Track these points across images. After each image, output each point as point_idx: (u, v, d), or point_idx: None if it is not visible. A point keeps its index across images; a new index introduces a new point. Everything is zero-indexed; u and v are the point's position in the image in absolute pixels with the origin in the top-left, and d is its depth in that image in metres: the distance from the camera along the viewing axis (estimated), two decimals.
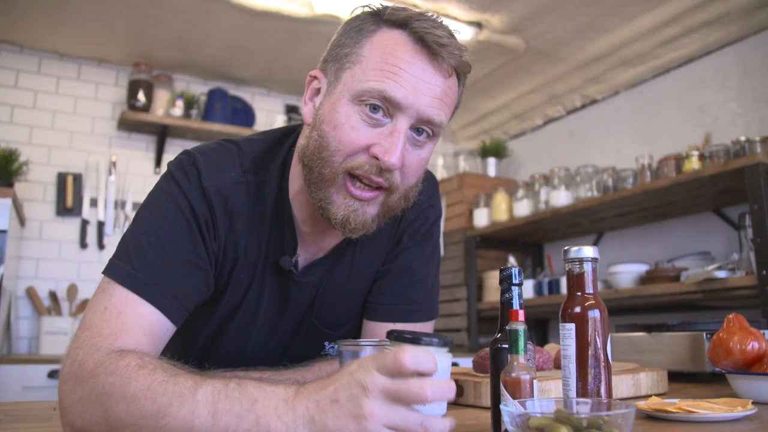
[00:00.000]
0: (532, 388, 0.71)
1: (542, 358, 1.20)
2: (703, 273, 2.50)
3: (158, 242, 0.89)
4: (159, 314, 0.86)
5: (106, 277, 0.87)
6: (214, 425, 0.67)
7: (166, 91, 3.65)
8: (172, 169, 0.96)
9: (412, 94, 0.88)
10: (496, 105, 4.02)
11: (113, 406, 0.72)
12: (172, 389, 0.70)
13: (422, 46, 0.89)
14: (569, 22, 3.02)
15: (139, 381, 0.72)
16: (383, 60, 0.89)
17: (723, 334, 1.19)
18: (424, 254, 1.14)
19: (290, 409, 0.66)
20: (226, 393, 0.69)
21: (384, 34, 0.91)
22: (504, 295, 0.77)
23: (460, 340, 3.70)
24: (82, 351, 0.79)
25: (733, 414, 0.86)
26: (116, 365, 0.75)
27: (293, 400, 0.66)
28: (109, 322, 0.82)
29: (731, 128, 3.00)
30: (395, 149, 0.88)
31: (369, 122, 0.90)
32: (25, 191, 3.27)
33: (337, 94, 0.92)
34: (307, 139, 0.95)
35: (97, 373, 0.75)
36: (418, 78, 0.89)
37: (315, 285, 1.06)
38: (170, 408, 0.69)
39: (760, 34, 2.97)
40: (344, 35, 0.95)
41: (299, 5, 2.93)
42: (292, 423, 0.65)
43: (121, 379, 0.73)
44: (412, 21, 0.90)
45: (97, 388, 0.74)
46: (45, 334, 3.12)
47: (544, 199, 3.43)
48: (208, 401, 0.68)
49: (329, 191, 0.92)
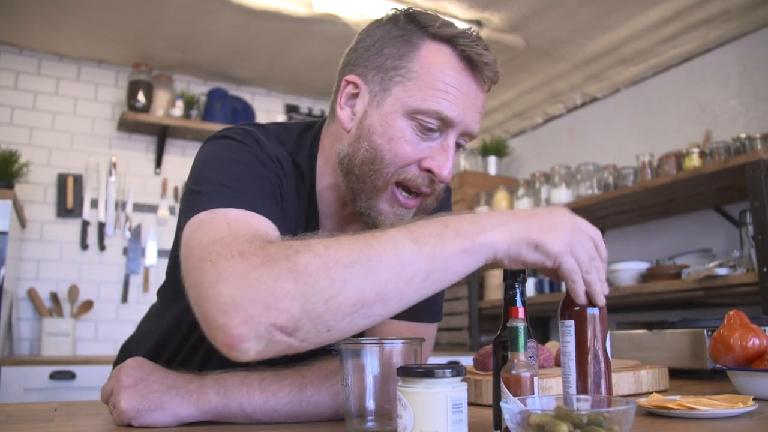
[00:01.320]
0: (532, 385, 0.71)
1: (543, 355, 1.20)
2: (704, 270, 2.50)
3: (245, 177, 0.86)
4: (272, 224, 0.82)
5: (206, 211, 0.78)
6: (420, 249, 0.70)
7: (166, 92, 3.65)
8: (228, 133, 0.95)
9: (463, 113, 0.94)
10: (497, 103, 4.02)
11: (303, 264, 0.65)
12: (365, 238, 0.70)
13: (468, 64, 0.95)
14: (569, 20, 3.02)
15: (321, 240, 0.69)
16: (436, 78, 0.92)
17: (724, 330, 1.19)
18: None
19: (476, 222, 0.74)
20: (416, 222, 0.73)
21: (431, 49, 0.94)
22: (507, 293, 0.77)
23: (461, 338, 3.70)
24: (233, 248, 0.69)
25: (734, 410, 0.86)
26: (280, 243, 0.70)
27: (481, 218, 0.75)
28: (240, 229, 0.74)
29: (732, 125, 3.00)
30: (447, 164, 0.94)
31: (422, 137, 0.94)
32: (25, 193, 3.27)
33: (388, 107, 0.94)
34: (353, 147, 0.97)
35: (269, 252, 0.67)
36: (465, 95, 0.94)
37: None
38: (371, 251, 0.68)
39: (761, 31, 2.96)
40: (388, 44, 0.96)
41: (299, 5, 2.93)
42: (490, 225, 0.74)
43: (295, 247, 0.67)
44: (458, 39, 0.94)
45: (277, 260, 0.66)
46: (46, 336, 3.12)
47: (544, 197, 3.43)
48: (403, 234, 0.71)
49: (378, 200, 0.96)
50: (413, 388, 0.67)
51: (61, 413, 1.05)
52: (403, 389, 0.67)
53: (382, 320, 0.73)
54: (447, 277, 0.74)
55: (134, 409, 0.83)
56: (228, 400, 0.86)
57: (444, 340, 3.83)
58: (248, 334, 0.65)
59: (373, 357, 0.77)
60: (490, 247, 0.74)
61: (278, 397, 0.87)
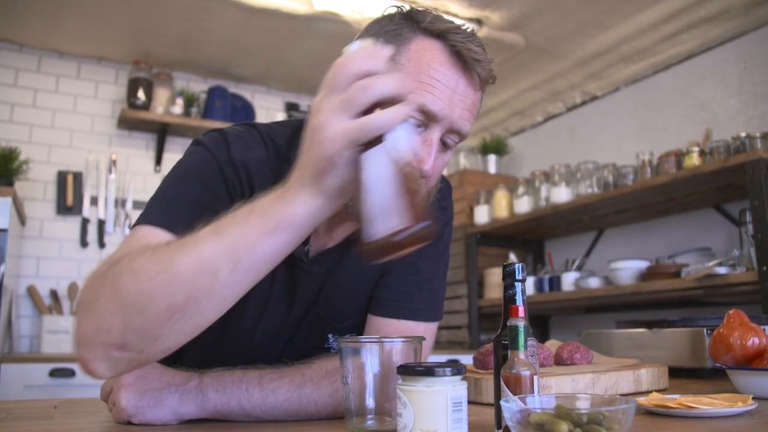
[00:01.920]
0: (532, 384, 0.71)
1: (543, 354, 1.20)
2: (703, 269, 2.50)
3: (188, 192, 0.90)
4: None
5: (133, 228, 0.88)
6: (221, 240, 0.68)
7: (166, 89, 3.65)
8: (203, 139, 0.98)
9: (447, 107, 0.90)
10: (497, 102, 4.02)
11: (120, 282, 0.70)
12: (175, 244, 0.71)
13: (458, 59, 0.92)
14: (569, 19, 3.02)
15: (145, 253, 0.72)
16: (421, 71, 0.90)
17: (723, 329, 1.19)
18: (433, 254, 1.14)
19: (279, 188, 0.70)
20: (223, 217, 0.71)
21: (421, 43, 0.92)
22: (507, 291, 0.77)
23: (461, 337, 3.70)
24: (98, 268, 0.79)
25: (733, 409, 0.86)
26: (123, 254, 0.75)
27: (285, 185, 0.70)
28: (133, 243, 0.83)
29: (731, 124, 3.00)
30: (429, 159, 0.91)
31: None
32: (25, 190, 3.27)
33: None
34: None
35: (106, 264, 0.75)
36: (452, 90, 0.91)
37: (323, 275, 1.06)
38: (174, 256, 0.69)
39: (760, 30, 2.96)
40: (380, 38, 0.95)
41: (299, 3, 2.93)
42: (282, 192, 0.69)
43: (127, 258, 0.73)
44: (450, 34, 0.91)
45: (106, 273, 0.73)
46: (46, 333, 3.12)
47: (544, 196, 3.43)
48: (209, 229, 0.70)
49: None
50: (413, 386, 0.67)
51: (61, 411, 1.05)
52: (403, 388, 0.67)
53: (216, 317, 0.73)
54: (260, 263, 0.71)
55: (134, 406, 0.83)
56: (227, 398, 0.86)
57: (444, 339, 3.83)
58: (90, 355, 0.72)
59: (373, 355, 0.77)
60: (298, 220, 0.69)
61: (277, 394, 0.87)
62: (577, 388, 1.07)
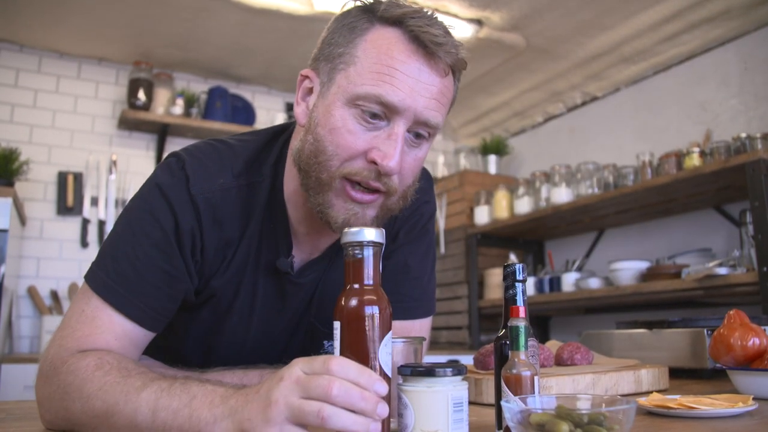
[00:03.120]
0: (533, 384, 0.71)
1: (544, 354, 1.20)
2: (704, 270, 2.50)
3: (133, 253, 0.90)
4: (132, 324, 0.89)
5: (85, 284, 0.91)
6: (153, 422, 0.71)
7: (167, 90, 3.65)
8: (160, 176, 0.94)
9: (409, 97, 0.85)
10: (497, 102, 4.02)
11: (71, 405, 0.79)
12: (120, 389, 0.75)
13: (417, 45, 0.86)
14: (570, 20, 3.02)
15: (94, 382, 0.77)
16: (378, 61, 0.86)
17: (724, 330, 1.19)
18: (420, 251, 1.14)
19: (223, 403, 0.68)
20: (169, 391, 0.72)
21: (378, 33, 0.88)
22: (507, 292, 0.77)
23: (461, 337, 3.70)
24: (53, 350, 0.85)
25: (734, 410, 0.86)
26: (77, 365, 0.80)
27: (231, 396, 0.68)
28: (82, 324, 0.87)
29: (732, 125, 3.00)
30: (394, 153, 0.86)
31: (366, 126, 0.87)
32: (25, 190, 3.27)
33: (331, 97, 0.89)
34: (302, 142, 0.93)
35: (61, 372, 0.81)
36: (414, 79, 0.86)
37: (312, 285, 1.05)
38: (117, 407, 0.74)
39: (761, 30, 2.96)
40: (336, 33, 0.92)
41: (299, 3, 2.93)
42: (220, 415, 0.67)
43: (78, 379, 0.79)
44: (406, 18, 0.87)
45: (60, 386, 0.80)
46: (46, 334, 3.11)
47: (544, 197, 3.43)
48: (150, 399, 0.72)
49: (328, 195, 0.90)
50: (414, 386, 0.67)
51: None
52: (404, 388, 0.68)
53: None
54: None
55: None
56: None
57: (444, 339, 3.83)
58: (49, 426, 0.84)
59: None
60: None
61: None
62: (577, 389, 1.07)
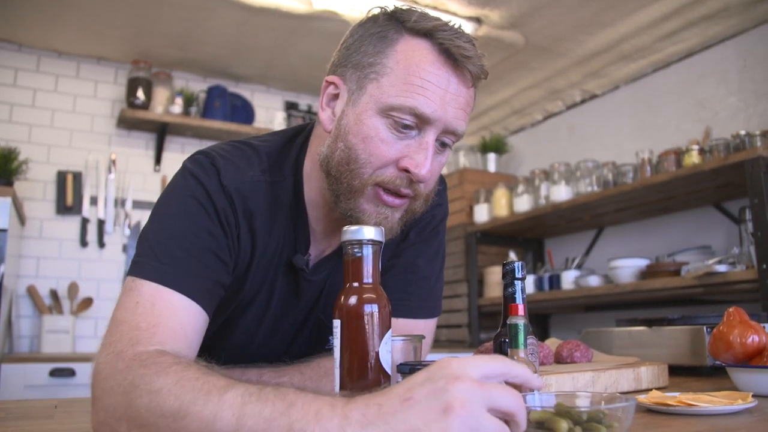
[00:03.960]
0: None
1: (543, 352, 1.20)
2: (703, 267, 2.50)
3: (181, 235, 0.88)
4: (192, 303, 0.84)
5: (131, 277, 0.85)
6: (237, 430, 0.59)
7: (166, 89, 3.65)
8: (190, 166, 0.95)
9: (440, 108, 0.89)
10: (496, 100, 4.02)
11: (136, 400, 0.68)
12: (201, 386, 0.65)
13: (447, 57, 0.89)
14: (569, 17, 3.02)
15: (170, 375, 0.68)
16: (411, 72, 0.88)
17: (723, 327, 1.19)
18: (429, 251, 1.14)
19: (338, 414, 0.56)
20: (259, 395, 0.61)
21: (407, 44, 0.90)
22: (507, 290, 0.77)
23: (461, 335, 3.70)
24: (121, 343, 0.77)
25: (733, 407, 0.86)
26: (153, 359, 0.73)
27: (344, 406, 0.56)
28: (144, 315, 0.80)
29: (731, 122, 3.00)
30: (426, 162, 0.90)
31: (398, 135, 0.90)
32: (25, 190, 3.27)
33: (362, 105, 0.91)
34: (330, 148, 0.95)
35: (132, 365, 0.73)
36: (444, 90, 0.89)
37: (323, 281, 1.06)
38: (192, 407, 0.63)
39: (760, 27, 2.96)
40: (365, 41, 0.94)
41: (298, 2, 2.92)
42: (339, 428, 0.54)
43: (151, 371, 0.70)
44: (436, 31, 0.89)
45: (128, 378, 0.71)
46: (46, 333, 3.12)
47: (544, 195, 3.43)
48: (236, 403, 0.61)
49: (359, 201, 0.93)
50: None
51: (61, 410, 1.05)
52: None
53: None
54: None
55: None
56: None
57: (443, 337, 3.83)
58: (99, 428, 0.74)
59: None
60: None
61: None
62: (577, 387, 1.07)
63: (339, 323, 0.69)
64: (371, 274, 0.71)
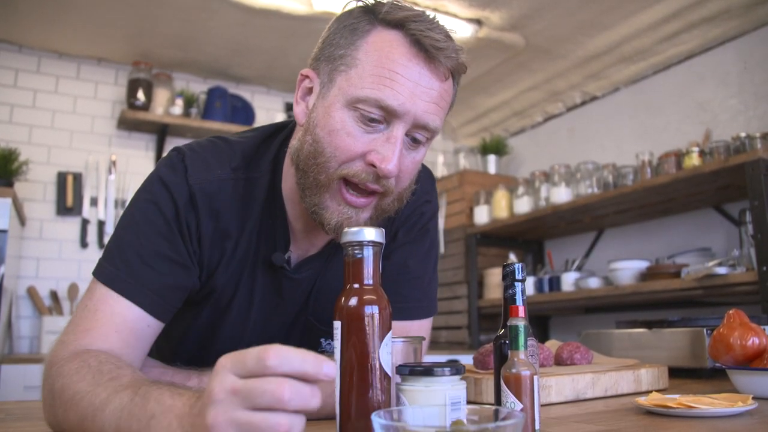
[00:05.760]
0: (532, 384, 0.71)
1: (543, 354, 1.20)
2: (703, 269, 2.50)
3: (137, 241, 0.91)
4: (136, 310, 0.88)
5: (93, 277, 0.92)
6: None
7: (166, 90, 3.65)
8: (161, 168, 0.96)
9: (408, 101, 0.86)
10: (496, 102, 4.02)
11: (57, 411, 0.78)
12: (88, 402, 0.72)
13: (418, 49, 0.87)
14: (569, 19, 3.02)
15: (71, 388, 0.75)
16: (379, 64, 0.86)
17: (723, 329, 1.19)
18: (420, 251, 1.13)
19: (180, 427, 0.61)
20: (129, 409, 0.66)
21: (379, 35, 0.88)
22: (507, 291, 0.77)
23: (460, 337, 3.70)
24: (56, 347, 0.85)
25: (733, 409, 0.86)
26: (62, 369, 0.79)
27: (185, 416, 0.61)
28: (84, 319, 0.87)
29: (731, 124, 3.00)
30: (392, 157, 0.87)
31: (365, 128, 0.88)
32: (25, 191, 3.27)
33: (331, 98, 0.90)
34: (300, 142, 0.94)
35: (51, 374, 0.81)
36: (414, 83, 0.86)
37: (309, 282, 1.05)
38: (85, 422, 0.72)
39: (761, 30, 2.96)
40: (337, 34, 0.93)
41: (299, 3, 2.93)
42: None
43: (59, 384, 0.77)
44: (408, 22, 0.87)
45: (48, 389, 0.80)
46: (46, 334, 3.12)
47: (544, 196, 3.43)
48: (114, 418, 0.68)
49: (323, 197, 0.91)
50: (412, 386, 0.67)
51: None
52: (402, 387, 0.68)
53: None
54: None
55: None
56: None
57: (443, 339, 3.83)
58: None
59: None
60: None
61: None
62: (577, 388, 1.07)
63: (339, 325, 0.69)
64: (372, 276, 0.71)
